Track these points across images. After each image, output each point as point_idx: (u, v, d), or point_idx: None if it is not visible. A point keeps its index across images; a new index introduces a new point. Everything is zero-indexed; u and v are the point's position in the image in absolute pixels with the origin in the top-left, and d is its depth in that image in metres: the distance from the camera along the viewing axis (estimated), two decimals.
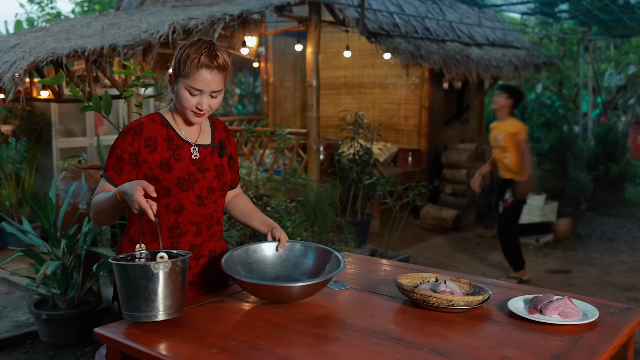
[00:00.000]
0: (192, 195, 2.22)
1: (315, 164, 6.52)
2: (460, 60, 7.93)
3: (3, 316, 4.85)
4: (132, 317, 1.92)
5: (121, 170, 2.15)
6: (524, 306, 2.08)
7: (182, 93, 2.14)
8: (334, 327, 1.96)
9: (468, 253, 7.16)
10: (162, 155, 2.18)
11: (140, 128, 2.19)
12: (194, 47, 2.12)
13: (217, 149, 2.31)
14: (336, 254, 2.28)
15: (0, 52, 4.93)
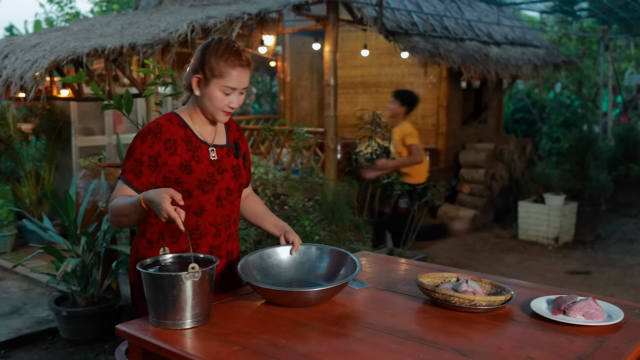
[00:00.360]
0: (212, 196, 2.22)
1: (333, 163, 6.50)
2: (478, 59, 7.88)
3: (23, 312, 4.89)
4: (160, 325, 1.93)
5: (140, 173, 2.14)
6: (547, 307, 2.05)
7: (216, 94, 2.14)
8: (354, 326, 1.95)
9: (486, 254, 7.12)
10: (182, 157, 2.17)
11: (160, 130, 2.16)
12: (221, 47, 2.12)
13: (232, 150, 2.31)
14: (351, 256, 2.27)
15: (22, 51, 4.98)
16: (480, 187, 8.65)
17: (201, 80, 2.15)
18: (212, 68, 2.10)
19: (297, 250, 2.33)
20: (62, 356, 4.20)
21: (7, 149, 6.76)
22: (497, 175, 8.96)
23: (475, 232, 8.12)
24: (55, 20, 15.47)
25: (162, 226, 2.21)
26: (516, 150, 9.49)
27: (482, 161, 8.66)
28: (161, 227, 2.23)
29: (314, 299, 2.08)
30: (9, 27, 18.42)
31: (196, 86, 2.17)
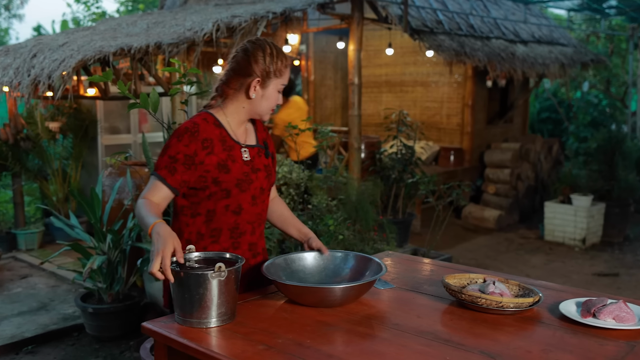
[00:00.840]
0: (248, 195, 2.25)
1: (357, 162, 6.48)
2: (505, 58, 7.80)
3: (50, 309, 4.95)
4: (185, 323, 1.93)
5: (174, 170, 2.14)
6: (576, 309, 2.02)
7: (274, 93, 2.22)
8: (380, 326, 1.93)
9: (511, 254, 7.04)
10: (219, 156, 2.19)
11: (197, 129, 2.17)
12: (269, 48, 2.19)
13: (263, 149, 2.34)
14: (376, 260, 2.26)
15: (50, 50, 5.03)
16: (506, 187, 8.56)
17: (261, 82, 2.19)
18: (274, 69, 2.19)
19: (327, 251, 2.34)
20: (88, 352, 4.24)
21: (34, 147, 6.85)
22: (523, 175, 8.86)
23: (501, 232, 8.05)
24: (82, 20, 15.65)
25: (200, 225, 2.23)
26: (542, 150, 9.38)
27: (508, 161, 8.57)
28: (199, 227, 2.24)
29: (339, 298, 2.07)
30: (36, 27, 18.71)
31: (254, 89, 2.20)
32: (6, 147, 6.70)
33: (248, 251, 2.32)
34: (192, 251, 2.11)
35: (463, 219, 8.45)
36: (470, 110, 8.77)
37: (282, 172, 5.05)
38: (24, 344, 4.32)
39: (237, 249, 2.27)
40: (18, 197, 7.07)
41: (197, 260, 2.10)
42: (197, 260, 2.10)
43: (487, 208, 8.39)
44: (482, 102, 9.01)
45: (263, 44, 2.20)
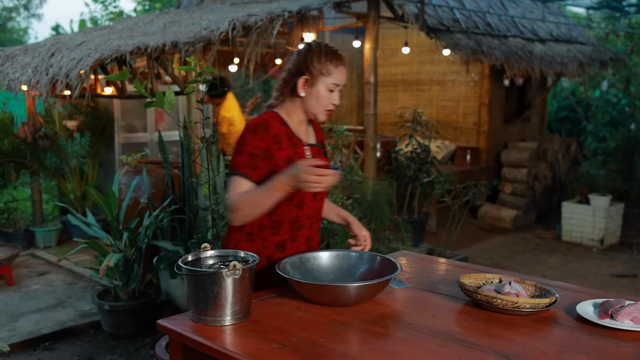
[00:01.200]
0: (310, 192, 2.32)
1: (372, 161, 6.47)
2: (522, 57, 7.74)
3: (68, 305, 4.99)
4: (200, 321, 1.94)
5: (256, 166, 2.24)
6: (593, 310, 1.99)
7: (323, 93, 2.28)
8: (394, 326, 1.92)
9: (528, 254, 6.99)
10: (287, 152, 2.29)
11: (267, 125, 2.27)
12: (322, 49, 2.28)
13: (322, 149, 2.45)
14: (391, 260, 2.25)
15: (67, 49, 5.07)
16: (523, 186, 8.50)
17: (308, 81, 2.28)
18: (320, 68, 2.25)
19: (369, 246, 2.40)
20: (104, 349, 4.27)
21: (52, 145, 6.91)
22: (540, 175, 8.80)
23: (517, 232, 7.99)
24: (100, 19, 15.77)
25: (262, 217, 2.30)
26: (560, 149, 9.30)
27: (525, 160, 8.51)
28: (261, 219, 2.31)
29: (354, 297, 2.06)
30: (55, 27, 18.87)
31: (302, 87, 2.29)
32: (25, 145, 6.76)
33: (305, 244, 2.42)
34: (207, 249, 2.12)
35: (479, 218, 8.40)
36: (487, 109, 8.71)
37: None
38: (42, 340, 4.36)
39: (295, 241, 2.39)
40: (36, 195, 7.14)
41: (212, 258, 2.11)
42: (212, 258, 2.11)
43: (503, 208, 8.33)
44: (499, 101, 8.95)
45: (315, 44, 2.31)
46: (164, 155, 4.44)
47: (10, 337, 4.36)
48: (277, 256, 2.38)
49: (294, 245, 2.40)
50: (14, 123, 6.94)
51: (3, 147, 6.59)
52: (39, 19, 38.60)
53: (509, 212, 8.20)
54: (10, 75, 5.36)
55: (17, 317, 4.73)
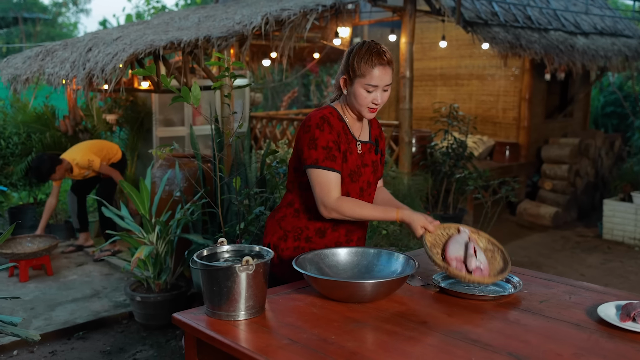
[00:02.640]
0: (357, 187, 2.41)
1: (407, 156, 6.41)
2: (563, 50, 7.55)
3: (103, 296, 5.09)
4: (214, 315, 1.96)
5: (334, 157, 2.32)
6: (615, 313, 1.94)
7: (359, 92, 2.31)
8: (408, 324, 1.90)
9: (566, 253, 6.84)
10: (343, 146, 2.36)
11: (329, 119, 2.34)
12: (363, 49, 2.29)
13: (373, 146, 2.48)
14: (409, 257, 2.23)
15: (104, 44, 5.16)
16: (563, 183, 8.31)
17: (347, 80, 2.34)
18: (355, 68, 2.29)
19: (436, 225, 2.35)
20: (136, 340, 4.35)
21: (92, 138, 7.04)
22: (582, 171, 8.59)
23: (557, 230, 7.82)
24: (143, 14, 16.02)
25: (313, 201, 2.38)
26: (603, 145, 9.06)
27: (566, 156, 8.32)
28: (311, 202, 2.40)
29: (369, 294, 2.04)
30: (102, 22, 19.24)
31: (343, 86, 2.36)
32: (65, 138, 6.91)
33: (344, 235, 2.48)
34: (224, 244, 2.13)
35: (518, 215, 8.25)
36: (527, 104, 8.54)
37: None
38: (76, 329, 4.46)
39: (336, 230, 2.45)
40: None
41: (228, 253, 2.12)
42: (228, 253, 2.12)
43: (543, 205, 8.16)
44: (540, 96, 8.76)
45: (359, 44, 2.32)
46: (196, 149, 4.48)
47: (47, 325, 4.46)
48: (315, 240, 2.45)
49: (333, 234, 2.47)
50: (55, 116, 7.11)
51: (45, 140, 6.75)
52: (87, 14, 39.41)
53: (549, 209, 8.03)
54: (50, 69, 5.48)
55: (54, 307, 4.84)
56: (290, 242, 2.46)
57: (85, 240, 6.45)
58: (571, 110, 9.57)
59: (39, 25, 21.12)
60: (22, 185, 6.79)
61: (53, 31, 21.64)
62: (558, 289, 2.23)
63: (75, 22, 25.25)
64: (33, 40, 19.33)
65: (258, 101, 9.55)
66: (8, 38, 21.58)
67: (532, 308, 2.03)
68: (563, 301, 2.09)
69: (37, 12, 20.97)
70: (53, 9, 23.08)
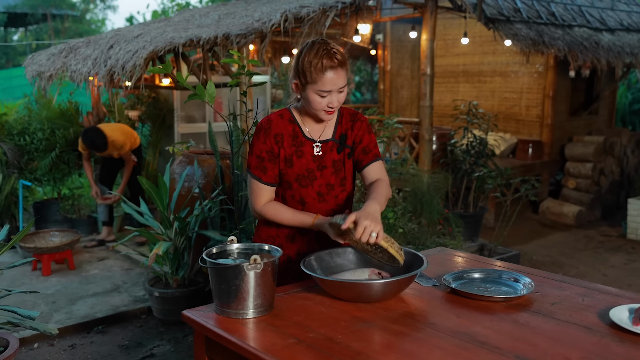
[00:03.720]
0: (311, 191, 2.33)
1: (427, 153, 6.37)
2: (587, 47, 7.43)
3: (123, 291, 5.15)
4: (223, 313, 1.97)
5: (265, 168, 2.30)
6: (628, 316, 1.90)
7: (313, 98, 2.21)
8: (416, 325, 1.89)
9: (589, 252, 6.75)
10: (287, 151, 2.30)
11: (269, 126, 2.30)
12: (311, 52, 2.15)
13: (336, 144, 2.35)
14: (420, 256, 2.20)
15: (125, 42, 5.21)
16: (587, 182, 8.20)
17: (298, 85, 2.24)
18: (305, 74, 2.17)
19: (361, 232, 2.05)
20: (154, 334, 4.39)
21: None
22: (607, 170, 8.46)
23: (580, 229, 7.72)
24: (168, 10, 16.14)
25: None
26: (629, 143, 8.92)
27: (590, 155, 8.20)
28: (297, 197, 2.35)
29: (378, 294, 2.04)
30: (129, 18, 19.44)
31: (296, 90, 2.28)
32: None
33: (315, 240, 2.39)
34: (234, 242, 2.14)
35: (540, 214, 8.16)
36: (551, 101, 8.44)
37: None
38: (95, 323, 4.52)
39: (304, 235, 2.38)
40: None
41: (237, 251, 2.13)
42: (237, 251, 2.13)
43: (566, 203, 8.07)
44: (564, 93, 8.65)
45: (310, 46, 2.18)
46: (214, 145, 4.50)
47: (67, 319, 4.53)
48: (287, 246, 2.40)
49: (303, 239, 2.40)
50: (79, 113, 7.20)
51: (68, 136, 6.83)
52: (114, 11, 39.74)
53: (572, 207, 7.93)
54: (73, 66, 5.55)
55: (75, 301, 4.91)
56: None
57: (107, 234, 6.53)
58: (596, 107, 9.43)
59: (67, 22, 21.42)
60: (46, 180, 6.89)
61: (81, 27, 21.92)
62: (571, 290, 2.20)
63: (103, 18, 25.55)
64: (61, 37, 19.62)
65: (279, 97, 9.57)
66: (38, 35, 21.93)
67: (543, 310, 2.00)
68: (575, 303, 2.06)
69: (65, 8, 21.27)
70: (81, 5, 23.37)
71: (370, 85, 14.40)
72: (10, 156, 6.46)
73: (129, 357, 4.03)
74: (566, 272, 5.98)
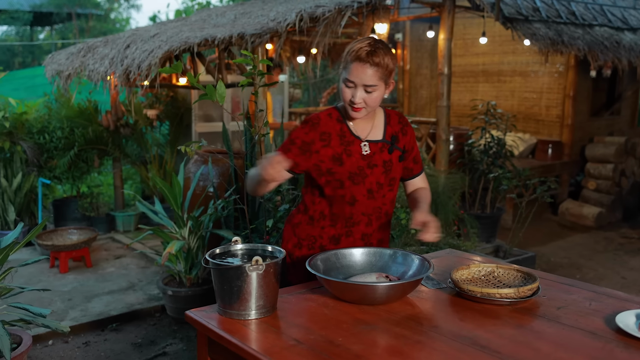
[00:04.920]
0: (363, 188, 2.35)
1: (444, 154, 6.33)
2: (608, 47, 7.33)
3: (138, 289, 5.19)
4: (225, 314, 1.98)
5: (288, 150, 2.32)
6: (635, 322, 1.87)
7: (342, 86, 2.28)
8: (418, 328, 1.87)
9: (609, 254, 6.65)
10: (335, 150, 2.32)
11: (317, 122, 2.33)
12: (358, 43, 2.24)
13: (387, 145, 2.38)
14: (424, 259, 2.19)
15: (142, 41, 5.25)
16: (608, 183, 8.09)
17: (340, 74, 2.31)
18: (343, 62, 2.27)
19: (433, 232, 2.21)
20: (167, 333, 4.42)
21: (133, 133, 7.18)
22: (628, 171, 8.34)
23: (600, 231, 7.62)
24: (190, 9, 16.24)
25: (324, 207, 2.41)
26: None
27: (611, 155, 8.09)
28: (323, 208, 2.41)
29: (381, 296, 2.02)
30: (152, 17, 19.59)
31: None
32: (107, 133, 7.07)
33: (360, 240, 2.45)
34: (238, 243, 2.14)
35: (560, 215, 8.07)
36: (571, 101, 8.33)
37: None
38: (110, 321, 4.56)
39: (350, 237, 2.42)
40: (117, 181, 7.46)
41: (241, 252, 2.13)
42: (241, 252, 2.13)
43: (586, 205, 7.96)
44: (585, 93, 8.53)
45: (363, 39, 2.25)
46: (227, 145, 4.51)
47: (82, 316, 4.58)
48: (329, 248, 2.43)
49: (348, 240, 2.43)
50: (98, 111, 7.27)
51: (87, 135, 6.91)
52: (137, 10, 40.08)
53: (592, 209, 7.83)
54: (91, 65, 5.61)
55: (91, 298, 4.96)
56: (305, 250, 2.46)
57: None
58: (618, 107, 9.29)
59: (92, 21, 21.64)
60: (65, 178, 6.97)
61: (105, 26, 22.14)
62: (579, 294, 2.17)
63: (128, 17, 25.78)
64: (86, 36, 19.84)
65: (297, 97, 9.58)
66: (63, 34, 22.20)
67: (549, 314, 1.98)
68: (582, 308, 2.03)
69: (90, 8, 21.49)
70: (105, 4, 23.59)
71: None
72: (30, 154, 6.55)
73: (142, 355, 4.05)
74: (584, 274, 5.90)
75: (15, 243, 3.04)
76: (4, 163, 6.57)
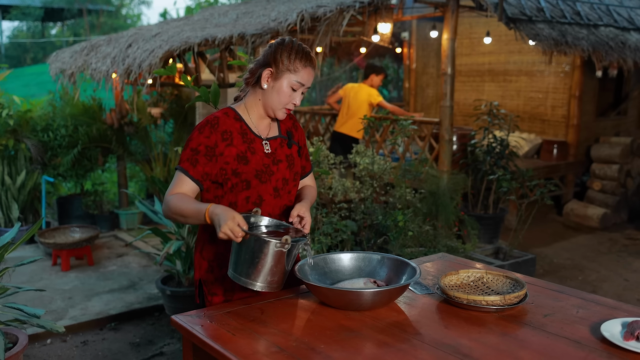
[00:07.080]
0: (269, 187, 2.28)
1: (447, 154, 6.30)
2: (613, 47, 7.27)
3: (138, 288, 5.21)
4: (235, 278, 2.04)
5: (196, 161, 2.19)
6: (620, 330, 1.86)
7: (285, 89, 2.21)
8: (402, 335, 1.87)
9: (612, 256, 6.61)
10: (238, 148, 2.24)
11: (217, 122, 2.24)
12: (294, 46, 2.22)
13: (285, 140, 2.36)
14: (412, 265, 2.19)
15: (143, 40, 5.26)
16: (613, 184, 8.03)
17: (273, 74, 2.21)
18: (286, 63, 2.19)
19: (304, 228, 2.20)
20: (165, 332, 4.43)
21: (137, 132, 7.20)
22: (634, 171, 8.28)
23: (604, 232, 7.57)
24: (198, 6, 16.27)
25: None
26: None
27: (617, 156, 8.03)
28: None
29: (367, 302, 2.02)
30: (162, 13, 19.62)
31: (266, 79, 2.23)
32: (111, 131, 7.09)
33: None
34: (258, 213, 2.20)
35: (564, 216, 8.02)
36: (577, 101, 8.27)
37: (363, 163, 5.00)
38: (109, 320, 4.58)
39: None
40: (121, 179, 7.49)
41: (265, 224, 2.20)
42: (265, 224, 2.20)
43: (590, 205, 7.91)
44: (591, 93, 8.47)
45: (288, 40, 2.24)
46: None
47: (82, 315, 4.60)
48: None
49: None
50: (102, 109, 7.30)
51: (91, 133, 6.94)
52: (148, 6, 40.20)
53: (597, 210, 7.78)
54: (93, 64, 5.62)
55: (91, 297, 4.98)
56: (217, 271, 2.32)
57: None
58: (625, 108, 9.23)
59: (103, 17, 21.71)
60: (69, 176, 7.01)
61: (116, 23, 22.20)
62: (567, 301, 2.16)
63: (139, 13, 25.84)
64: (97, 32, 19.91)
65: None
66: (75, 30, 22.29)
67: (535, 322, 1.97)
68: (569, 316, 2.02)
69: (100, 4, 21.55)
70: (116, 1, 23.66)
71: (397, 84, 14.31)
72: (34, 152, 6.58)
73: (139, 355, 4.07)
74: (587, 276, 5.87)
75: (10, 244, 3.05)
76: (8, 161, 6.61)
